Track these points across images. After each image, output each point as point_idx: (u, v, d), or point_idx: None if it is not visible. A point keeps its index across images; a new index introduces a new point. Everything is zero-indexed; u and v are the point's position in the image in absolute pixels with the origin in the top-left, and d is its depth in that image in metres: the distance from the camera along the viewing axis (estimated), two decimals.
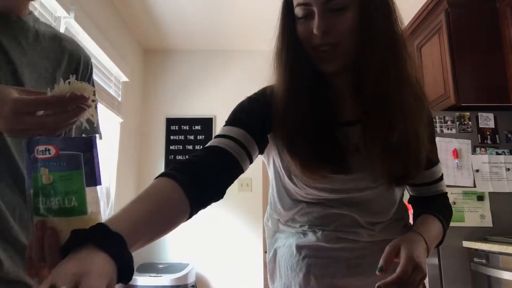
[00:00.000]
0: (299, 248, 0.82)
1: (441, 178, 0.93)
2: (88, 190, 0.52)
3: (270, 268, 0.90)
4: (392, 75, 0.73)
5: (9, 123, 0.53)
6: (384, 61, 0.73)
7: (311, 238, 0.81)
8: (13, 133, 0.56)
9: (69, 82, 0.55)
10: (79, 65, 0.81)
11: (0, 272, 0.54)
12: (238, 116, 0.78)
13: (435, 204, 0.92)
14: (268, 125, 0.78)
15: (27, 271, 0.53)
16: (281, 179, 0.85)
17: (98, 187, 0.54)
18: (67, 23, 2.13)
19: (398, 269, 0.68)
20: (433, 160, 0.88)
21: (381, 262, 0.70)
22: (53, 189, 0.50)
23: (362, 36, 0.73)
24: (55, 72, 0.75)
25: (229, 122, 0.77)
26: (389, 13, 0.77)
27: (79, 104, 0.54)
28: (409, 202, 0.98)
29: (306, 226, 0.83)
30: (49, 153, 0.51)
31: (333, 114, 0.78)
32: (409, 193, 0.98)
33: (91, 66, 0.86)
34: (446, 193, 0.96)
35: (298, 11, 0.75)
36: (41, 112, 0.55)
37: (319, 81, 0.78)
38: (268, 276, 0.91)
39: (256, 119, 0.78)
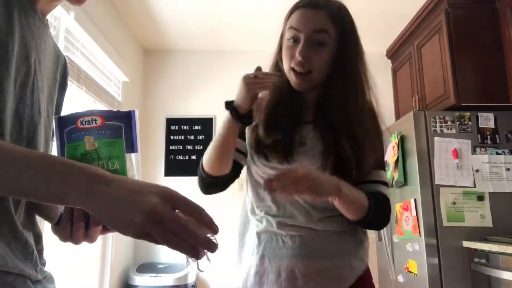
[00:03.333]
0: (258, 234, 0.99)
1: (385, 183, 0.98)
2: (127, 156, 0.59)
3: (238, 252, 1.07)
4: (350, 104, 0.93)
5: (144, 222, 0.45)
6: (347, 92, 0.94)
7: (266, 225, 0.98)
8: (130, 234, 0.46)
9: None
10: (65, 66, 0.79)
11: (6, 267, 0.55)
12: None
13: (374, 196, 0.94)
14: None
15: (62, 232, 0.59)
16: (249, 165, 1.06)
17: (133, 155, 0.61)
18: (67, 23, 2.13)
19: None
20: (379, 165, 0.99)
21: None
22: (97, 153, 0.57)
23: (333, 71, 0.95)
24: (56, 74, 0.74)
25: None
26: (358, 55, 0.97)
27: (209, 239, 0.50)
28: None
29: (263, 213, 1.00)
30: (96, 123, 0.58)
31: (298, 115, 1.01)
32: None
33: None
34: (387, 198, 0.97)
35: (289, 33, 0.95)
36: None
37: (293, 91, 0.99)
38: (237, 259, 1.08)
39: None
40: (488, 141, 2.29)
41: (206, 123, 3.57)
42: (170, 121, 3.58)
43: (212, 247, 0.49)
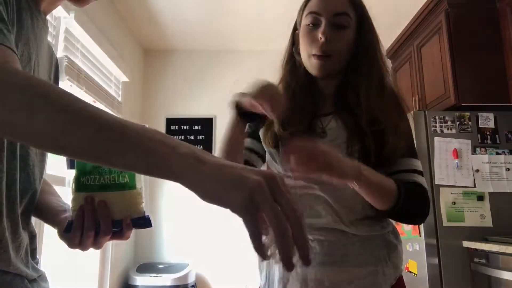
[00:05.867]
0: None
1: (420, 172, 0.91)
2: None
3: (258, 260, 0.98)
4: (371, 88, 0.90)
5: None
6: (368, 77, 0.91)
7: None
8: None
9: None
10: (56, 66, 0.79)
11: (8, 267, 0.56)
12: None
13: (405, 183, 0.86)
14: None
15: (72, 239, 0.61)
16: (268, 165, 1.00)
17: None
18: (67, 23, 2.13)
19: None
20: (409, 153, 0.92)
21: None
22: (109, 167, 0.60)
23: (352, 57, 0.93)
24: (50, 74, 0.74)
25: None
26: (376, 40, 0.95)
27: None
28: None
29: None
30: None
31: (315, 108, 0.96)
32: None
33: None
34: (423, 187, 0.89)
35: (308, 18, 0.92)
36: None
37: (310, 83, 0.98)
38: (258, 266, 0.98)
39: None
40: (488, 141, 2.29)
41: (206, 123, 3.57)
42: (170, 121, 3.58)
43: (308, 255, 0.41)
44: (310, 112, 0.94)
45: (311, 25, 0.91)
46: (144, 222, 0.63)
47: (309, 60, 0.93)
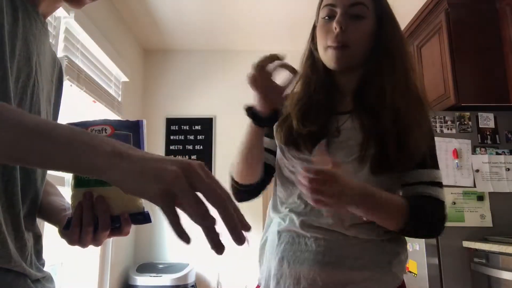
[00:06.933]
0: (279, 233, 0.90)
1: (438, 184, 0.88)
2: None
3: (260, 253, 0.98)
4: (393, 85, 0.86)
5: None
6: (389, 72, 0.86)
7: (288, 223, 0.89)
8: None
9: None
10: (60, 69, 0.80)
11: (9, 263, 0.56)
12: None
13: (417, 200, 0.84)
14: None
15: (71, 236, 0.61)
16: (278, 160, 0.97)
17: None
18: (67, 23, 2.13)
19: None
20: (432, 162, 0.89)
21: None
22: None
23: (372, 51, 0.89)
24: (53, 77, 0.75)
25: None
26: (399, 32, 0.91)
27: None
28: None
29: (287, 210, 0.90)
30: (106, 132, 0.61)
31: (333, 105, 0.93)
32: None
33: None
34: (442, 201, 0.87)
35: (324, 11, 0.90)
36: None
37: (329, 78, 0.94)
38: (258, 260, 0.98)
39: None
40: (488, 141, 2.29)
41: (206, 123, 3.57)
42: (170, 121, 3.58)
43: (240, 235, 0.42)
44: (327, 109, 0.91)
45: (327, 17, 0.89)
46: (143, 217, 0.62)
47: (325, 53, 0.90)
